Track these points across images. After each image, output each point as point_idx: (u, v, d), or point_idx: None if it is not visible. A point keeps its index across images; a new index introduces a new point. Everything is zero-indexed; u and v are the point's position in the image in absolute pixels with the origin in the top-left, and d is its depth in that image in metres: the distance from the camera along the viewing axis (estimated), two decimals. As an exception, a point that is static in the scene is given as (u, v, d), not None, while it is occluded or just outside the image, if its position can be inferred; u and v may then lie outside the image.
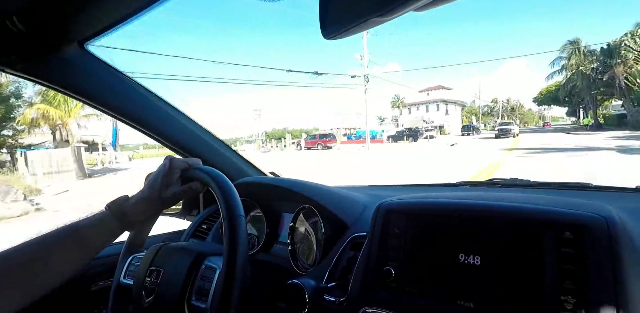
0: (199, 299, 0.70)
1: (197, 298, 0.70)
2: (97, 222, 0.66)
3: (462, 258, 0.62)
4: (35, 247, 0.58)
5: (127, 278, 0.84)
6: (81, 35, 0.87)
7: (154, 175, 0.72)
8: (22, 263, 0.56)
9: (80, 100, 1.00)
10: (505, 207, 0.63)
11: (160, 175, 0.70)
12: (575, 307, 0.51)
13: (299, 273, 0.92)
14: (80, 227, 0.64)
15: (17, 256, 0.57)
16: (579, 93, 36.95)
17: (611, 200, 0.87)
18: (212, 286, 0.69)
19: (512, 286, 0.57)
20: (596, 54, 32.77)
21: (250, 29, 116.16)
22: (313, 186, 1.04)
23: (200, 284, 0.71)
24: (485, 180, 1.27)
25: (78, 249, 0.62)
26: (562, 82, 40.50)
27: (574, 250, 0.53)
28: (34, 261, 0.57)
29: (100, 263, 1.16)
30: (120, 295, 0.85)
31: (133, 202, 0.69)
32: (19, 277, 0.55)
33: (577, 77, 34.00)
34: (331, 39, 0.45)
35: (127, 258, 0.87)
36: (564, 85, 39.14)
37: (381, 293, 0.69)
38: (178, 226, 1.46)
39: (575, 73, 34.65)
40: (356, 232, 0.87)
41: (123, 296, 0.84)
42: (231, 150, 1.33)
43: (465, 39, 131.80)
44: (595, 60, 32.71)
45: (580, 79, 33.46)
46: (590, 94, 34.61)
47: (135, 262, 0.85)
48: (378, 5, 0.37)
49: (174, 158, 0.72)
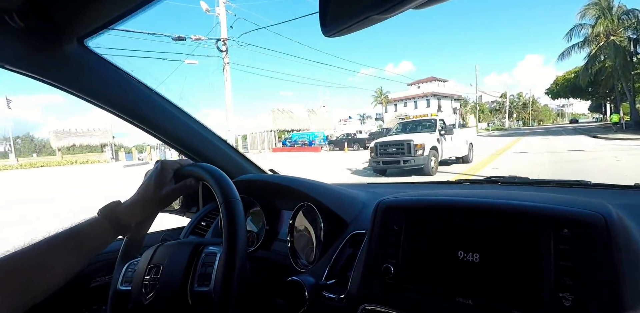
0: (202, 284, 0.70)
1: (200, 284, 0.70)
2: (89, 228, 0.66)
3: (461, 255, 0.62)
4: (29, 254, 0.58)
5: (125, 284, 0.81)
6: (81, 32, 0.87)
7: (147, 177, 0.74)
8: (16, 270, 0.56)
9: (79, 97, 1.00)
10: (504, 204, 0.63)
11: (153, 176, 0.72)
12: (574, 304, 0.51)
13: (299, 271, 0.92)
14: (74, 233, 0.64)
15: (11, 263, 0.56)
16: (608, 78, 25.76)
17: (610, 197, 0.88)
18: (213, 270, 0.69)
19: (510, 283, 0.57)
20: (637, 17, 22.18)
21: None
22: (312, 183, 1.04)
23: (202, 270, 0.72)
24: (484, 178, 1.27)
25: (72, 255, 0.62)
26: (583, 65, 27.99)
27: (572, 247, 0.54)
28: (28, 268, 0.57)
29: (99, 260, 1.16)
30: (118, 301, 0.82)
31: (126, 206, 0.70)
32: (11, 285, 0.54)
33: (607, 52, 23.44)
34: (331, 36, 0.45)
35: (123, 266, 0.84)
36: (586, 67, 26.57)
37: (380, 290, 0.69)
38: (177, 223, 1.47)
39: (603, 46, 23.66)
40: (355, 229, 0.88)
41: (121, 300, 0.82)
42: (231, 147, 1.33)
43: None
44: (634, 25, 22.02)
45: (611, 54, 22.57)
46: (625, 77, 22.83)
47: (131, 268, 0.83)
48: (378, 3, 0.37)
49: (165, 160, 0.75)
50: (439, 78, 54.64)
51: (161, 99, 1.13)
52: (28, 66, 0.88)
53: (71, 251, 0.62)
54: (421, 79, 55.42)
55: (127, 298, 0.79)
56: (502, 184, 1.18)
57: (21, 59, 0.86)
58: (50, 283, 0.59)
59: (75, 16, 0.80)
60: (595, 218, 0.54)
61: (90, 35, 0.89)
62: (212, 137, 1.27)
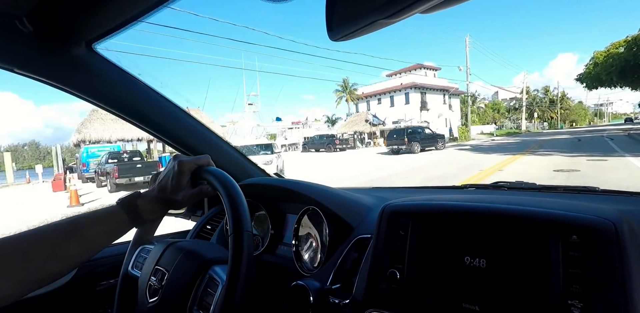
0: (200, 310, 0.69)
1: (199, 308, 0.70)
2: (107, 216, 0.65)
3: (468, 260, 0.62)
4: (38, 236, 0.58)
5: (135, 269, 0.86)
6: (89, 36, 0.88)
7: (164, 177, 0.71)
8: (21, 252, 0.56)
9: (87, 101, 1.01)
10: (512, 210, 0.63)
11: (171, 178, 0.69)
12: (583, 311, 0.50)
13: (303, 275, 0.92)
14: (89, 220, 0.64)
15: (16, 244, 0.56)
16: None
17: (618, 203, 0.86)
18: (214, 300, 0.67)
19: (518, 289, 0.57)
20: None
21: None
22: (318, 188, 1.04)
23: (203, 294, 0.70)
24: (491, 183, 1.26)
25: (84, 242, 0.62)
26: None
27: (580, 253, 0.53)
28: (35, 251, 0.57)
29: (105, 263, 1.17)
30: (126, 285, 0.87)
31: (145, 200, 0.69)
32: (15, 266, 0.54)
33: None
34: (338, 40, 0.45)
35: (136, 249, 0.89)
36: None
37: (386, 295, 0.69)
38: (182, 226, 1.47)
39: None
40: (361, 233, 0.87)
41: (129, 287, 0.86)
42: (236, 151, 1.34)
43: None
44: None
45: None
46: None
47: (143, 254, 0.87)
48: (384, 8, 0.37)
49: (182, 160, 0.70)
50: (428, 65, 39.05)
51: (168, 102, 1.14)
52: (37, 70, 0.89)
53: (83, 237, 0.62)
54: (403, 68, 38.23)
55: (134, 284, 0.83)
56: (509, 189, 1.17)
57: (30, 63, 0.88)
58: (59, 268, 0.59)
59: (84, 20, 0.81)
60: (604, 225, 0.53)
61: (98, 39, 0.90)
62: (219, 140, 1.27)
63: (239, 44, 38.60)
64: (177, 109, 1.17)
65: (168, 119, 1.15)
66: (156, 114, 1.13)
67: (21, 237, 0.57)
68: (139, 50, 20.62)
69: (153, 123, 1.13)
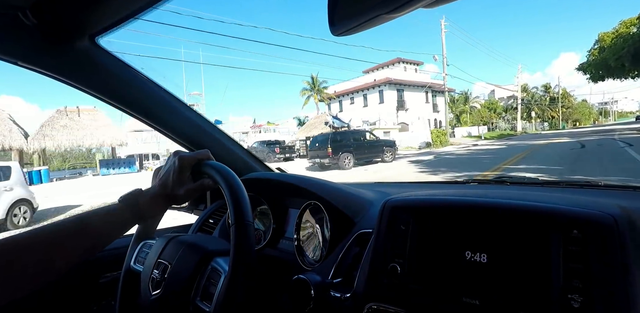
0: (204, 301, 0.70)
1: (202, 299, 0.70)
2: (110, 213, 0.66)
3: (469, 255, 0.62)
4: (44, 234, 0.59)
5: (137, 264, 0.87)
6: (93, 29, 0.88)
7: (164, 172, 0.72)
8: (29, 247, 0.57)
9: (89, 94, 1.01)
10: (513, 204, 0.63)
11: (172, 173, 0.70)
12: (583, 306, 0.51)
13: (305, 269, 0.92)
14: (92, 218, 0.64)
15: (27, 240, 0.57)
16: None
17: (620, 198, 0.86)
18: (216, 290, 0.68)
19: (518, 284, 0.57)
20: None
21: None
22: (320, 182, 1.04)
23: (206, 285, 0.71)
24: (493, 178, 1.26)
25: (87, 239, 0.63)
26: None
27: (581, 248, 0.53)
28: (40, 247, 0.57)
29: (108, 255, 1.18)
30: (129, 279, 0.88)
31: (146, 197, 0.70)
32: (24, 261, 0.55)
33: None
34: (340, 35, 0.45)
35: (138, 244, 0.90)
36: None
37: (386, 289, 0.69)
38: (185, 220, 1.48)
39: None
40: (362, 228, 0.88)
41: (132, 281, 0.87)
42: (239, 145, 1.34)
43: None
44: None
45: None
46: None
47: (145, 249, 0.87)
48: (387, 2, 0.37)
49: (183, 155, 0.71)
50: (407, 59, 33.65)
51: (171, 96, 1.14)
52: (40, 63, 0.90)
53: (87, 235, 0.62)
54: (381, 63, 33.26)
55: (137, 278, 0.84)
56: (511, 184, 1.17)
57: (33, 56, 0.88)
58: (64, 265, 0.59)
59: (87, 14, 0.81)
60: (605, 219, 0.53)
61: (102, 32, 0.90)
62: (220, 134, 1.28)
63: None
64: (179, 103, 1.17)
65: (170, 113, 1.15)
66: (158, 108, 1.13)
67: (26, 235, 0.58)
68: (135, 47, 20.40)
69: (155, 117, 1.14)
